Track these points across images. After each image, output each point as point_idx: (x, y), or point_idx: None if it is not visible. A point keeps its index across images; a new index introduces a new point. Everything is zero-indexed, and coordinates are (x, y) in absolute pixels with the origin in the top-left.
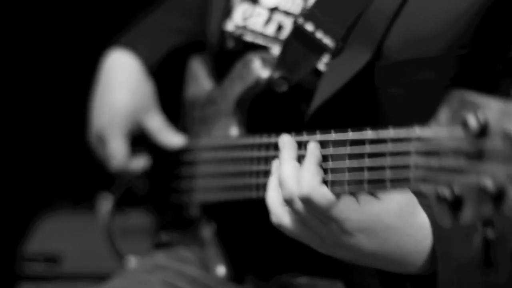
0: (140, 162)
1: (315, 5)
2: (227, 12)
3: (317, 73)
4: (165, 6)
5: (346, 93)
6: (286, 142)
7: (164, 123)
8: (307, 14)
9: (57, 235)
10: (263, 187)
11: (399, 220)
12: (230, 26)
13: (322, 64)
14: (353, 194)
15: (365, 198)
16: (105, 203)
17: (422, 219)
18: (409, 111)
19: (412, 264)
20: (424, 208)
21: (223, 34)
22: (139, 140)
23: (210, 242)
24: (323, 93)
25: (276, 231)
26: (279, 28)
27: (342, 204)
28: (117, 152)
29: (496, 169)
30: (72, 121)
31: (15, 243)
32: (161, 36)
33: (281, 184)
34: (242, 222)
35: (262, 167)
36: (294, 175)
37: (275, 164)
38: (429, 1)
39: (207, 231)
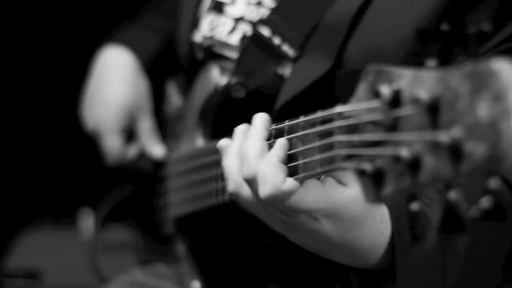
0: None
1: (275, 12)
2: (195, 23)
3: (278, 77)
4: (161, 7)
5: (306, 98)
6: (261, 119)
7: (153, 128)
8: (266, 20)
9: (37, 251)
10: (221, 190)
11: (364, 211)
12: (197, 37)
13: (286, 70)
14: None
15: (333, 185)
16: (86, 218)
17: (383, 212)
18: None
19: (363, 258)
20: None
21: (192, 45)
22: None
23: (184, 257)
24: (284, 96)
25: (249, 245)
26: (244, 37)
27: (310, 193)
28: (112, 148)
29: (410, 137)
30: (54, 137)
31: None
32: (155, 34)
33: (243, 158)
34: (215, 237)
35: (220, 170)
36: (259, 154)
37: (240, 130)
38: (387, 10)
39: (181, 247)
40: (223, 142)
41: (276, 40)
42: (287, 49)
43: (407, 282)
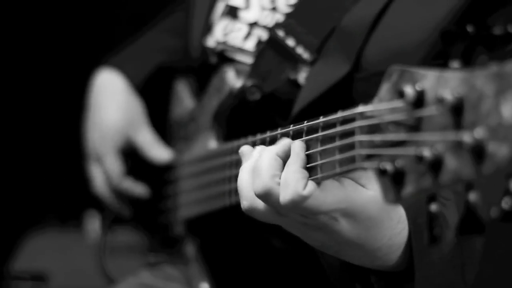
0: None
1: (291, 16)
2: (208, 28)
3: (293, 82)
4: (156, 28)
5: (324, 102)
6: (285, 142)
7: (153, 138)
8: (283, 24)
9: (44, 253)
10: (235, 192)
11: (382, 211)
12: (211, 42)
13: (301, 74)
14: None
15: (352, 185)
16: (93, 221)
17: (400, 213)
18: None
19: (381, 258)
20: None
21: (204, 50)
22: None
23: (194, 259)
24: (302, 101)
25: (260, 247)
26: (259, 43)
27: (330, 194)
28: (112, 169)
29: (433, 137)
30: (60, 140)
31: (1, 262)
32: (149, 55)
33: (256, 173)
34: (225, 239)
35: (234, 171)
36: (272, 168)
37: (254, 150)
38: (406, 12)
39: (191, 248)
40: (245, 149)
41: (291, 42)
42: (303, 53)
43: (426, 283)
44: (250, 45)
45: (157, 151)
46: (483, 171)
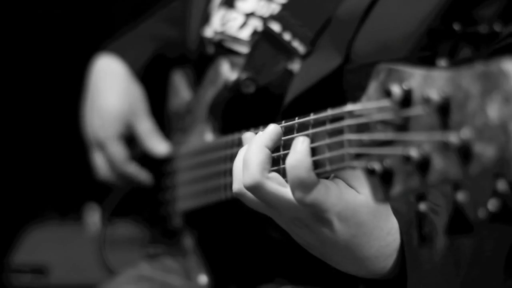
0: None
1: (286, 8)
2: (206, 18)
3: (288, 73)
4: (155, 17)
5: (315, 93)
6: (272, 129)
7: (153, 128)
8: (277, 16)
9: (44, 246)
10: (230, 187)
11: (373, 219)
12: (208, 32)
13: (296, 66)
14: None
15: (345, 187)
16: (93, 214)
17: (392, 224)
18: None
19: (366, 268)
20: (396, 214)
21: (202, 40)
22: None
23: (192, 251)
24: (294, 91)
25: (257, 238)
26: (254, 33)
27: (331, 192)
28: (116, 154)
29: (420, 137)
30: (59, 133)
31: (2, 255)
32: (148, 43)
33: (245, 165)
34: (223, 231)
35: (229, 166)
36: (261, 165)
37: (247, 136)
38: (395, 5)
39: (189, 240)
40: (247, 135)
41: (287, 36)
42: (298, 45)
43: None
44: (245, 34)
45: (155, 142)
46: (469, 172)
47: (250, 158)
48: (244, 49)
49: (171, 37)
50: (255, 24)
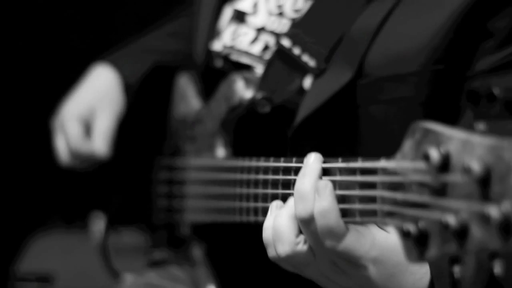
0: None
1: (298, 25)
2: (215, 32)
3: (302, 92)
4: (159, 31)
5: (327, 110)
6: (310, 157)
7: (107, 129)
8: (290, 34)
9: (49, 255)
10: (246, 211)
11: None
12: (218, 45)
13: (307, 82)
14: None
15: (378, 231)
16: (98, 222)
17: None
18: (389, 128)
19: None
20: None
21: (210, 53)
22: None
23: (201, 262)
24: (305, 110)
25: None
26: (265, 48)
27: (363, 239)
28: (72, 132)
29: (458, 205)
30: None
31: (7, 263)
32: (146, 57)
33: (301, 197)
34: (232, 244)
35: (245, 190)
36: (292, 233)
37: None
38: (408, 18)
39: (198, 251)
40: (274, 204)
41: (301, 54)
42: (312, 63)
43: None
44: (257, 49)
45: (99, 142)
46: (510, 245)
47: (282, 231)
48: (254, 63)
49: (175, 51)
50: (266, 39)
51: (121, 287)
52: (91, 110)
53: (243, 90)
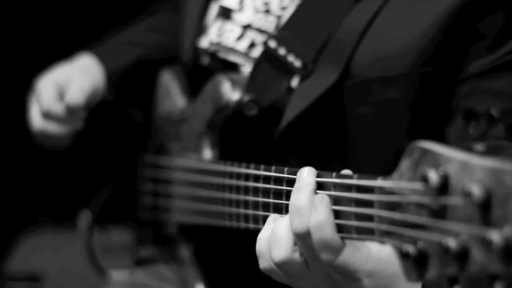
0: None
1: (285, 27)
2: (202, 29)
3: (290, 92)
4: (140, 24)
5: (314, 111)
6: (304, 170)
7: (84, 85)
8: (277, 36)
9: (38, 254)
10: (236, 216)
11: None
12: (204, 42)
13: (294, 83)
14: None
15: (373, 243)
16: (85, 221)
17: None
18: (376, 130)
19: None
20: None
21: (196, 50)
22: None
23: (188, 262)
24: (291, 111)
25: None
26: (252, 45)
27: (358, 253)
28: (46, 92)
29: (458, 228)
30: None
31: None
32: (129, 49)
33: (297, 211)
34: (220, 244)
35: (232, 195)
36: (309, 205)
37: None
38: (396, 19)
39: (185, 251)
40: (271, 217)
41: (288, 56)
42: (298, 64)
43: None
44: (243, 46)
45: (74, 93)
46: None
47: (280, 235)
48: (240, 60)
49: (156, 44)
50: (252, 36)
51: (109, 286)
52: (67, 77)
53: (230, 92)
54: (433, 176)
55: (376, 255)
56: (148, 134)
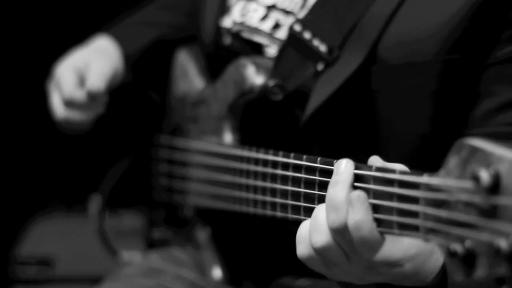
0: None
1: (312, 12)
2: (224, 8)
3: (316, 75)
4: (154, 3)
5: (341, 97)
6: (342, 163)
7: (103, 69)
8: (303, 20)
9: (49, 238)
10: (262, 204)
11: (429, 249)
12: (227, 22)
13: (320, 67)
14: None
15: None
16: (96, 204)
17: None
18: (402, 116)
19: (424, 281)
20: None
21: (219, 30)
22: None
23: (205, 245)
24: (317, 97)
25: (275, 232)
26: (276, 26)
27: (399, 244)
28: (66, 79)
29: (510, 229)
30: None
31: (8, 247)
32: (145, 29)
33: (334, 207)
34: (238, 227)
35: (257, 182)
36: (346, 201)
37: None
38: (423, 4)
39: (202, 234)
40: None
41: (311, 38)
42: (323, 48)
43: None
44: (267, 26)
45: (94, 79)
46: None
47: (321, 219)
48: (264, 41)
49: (170, 23)
50: (277, 17)
51: (122, 270)
52: (86, 62)
53: (254, 76)
54: (484, 175)
55: (413, 247)
56: (163, 115)
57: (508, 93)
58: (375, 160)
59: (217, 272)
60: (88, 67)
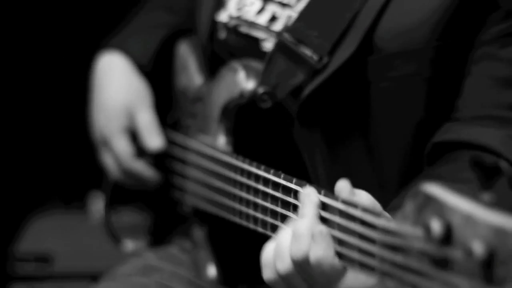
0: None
1: (300, 19)
2: (220, 3)
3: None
4: (148, 6)
5: (335, 84)
6: (309, 196)
7: (151, 122)
8: (292, 28)
9: (48, 235)
10: (246, 216)
11: None
12: (223, 16)
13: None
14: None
15: None
16: (97, 201)
17: None
18: (396, 105)
19: None
20: None
21: (214, 24)
22: None
23: (202, 244)
24: (309, 87)
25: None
26: (273, 18)
27: (354, 277)
28: (121, 150)
29: (460, 282)
30: (64, 121)
31: (6, 243)
32: (151, 32)
33: (296, 238)
34: (234, 228)
35: (244, 194)
36: (309, 234)
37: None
38: None
39: (199, 233)
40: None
41: (303, 49)
42: (315, 58)
43: None
44: (264, 19)
45: (151, 136)
46: None
47: (285, 247)
48: (261, 35)
49: (170, 22)
50: (273, 9)
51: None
52: (127, 114)
53: (244, 82)
54: (436, 226)
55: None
56: (167, 108)
57: (492, 71)
58: (343, 187)
59: (211, 271)
60: (135, 121)
